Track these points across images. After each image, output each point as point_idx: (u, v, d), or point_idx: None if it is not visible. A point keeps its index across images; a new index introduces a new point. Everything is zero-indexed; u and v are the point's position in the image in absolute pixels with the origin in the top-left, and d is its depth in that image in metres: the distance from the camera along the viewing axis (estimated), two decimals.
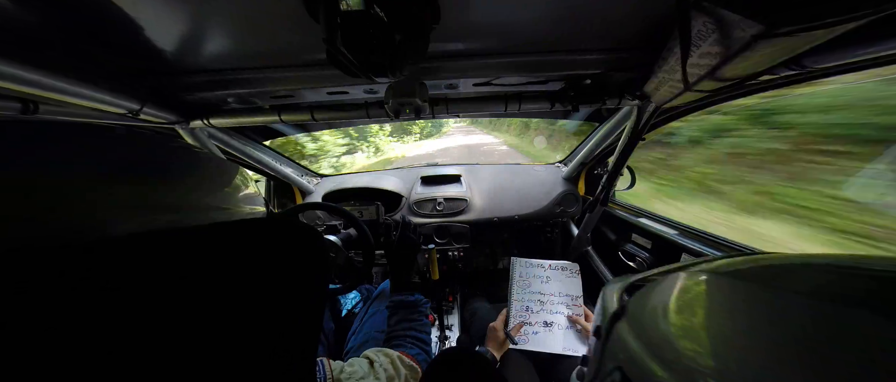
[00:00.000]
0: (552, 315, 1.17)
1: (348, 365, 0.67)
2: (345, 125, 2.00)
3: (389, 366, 0.71)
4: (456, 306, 1.78)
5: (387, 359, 0.72)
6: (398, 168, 2.16)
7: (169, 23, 0.58)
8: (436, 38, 0.62)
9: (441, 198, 1.79)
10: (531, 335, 1.12)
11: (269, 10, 0.56)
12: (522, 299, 1.22)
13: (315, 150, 9.66)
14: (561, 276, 1.28)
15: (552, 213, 1.81)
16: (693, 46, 0.54)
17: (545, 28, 0.66)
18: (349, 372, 0.65)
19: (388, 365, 0.71)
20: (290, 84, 0.85)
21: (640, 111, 1.03)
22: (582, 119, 1.57)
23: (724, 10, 0.44)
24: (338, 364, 0.67)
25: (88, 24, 0.57)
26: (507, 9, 0.59)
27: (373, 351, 0.75)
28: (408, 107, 0.86)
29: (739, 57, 0.49)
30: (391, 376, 0.69)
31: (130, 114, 0.84)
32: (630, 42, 0.73)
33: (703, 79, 0.59)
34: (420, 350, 0.85)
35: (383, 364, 0.70)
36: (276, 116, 1.03)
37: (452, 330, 1.63)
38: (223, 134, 1.31)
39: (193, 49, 0.68)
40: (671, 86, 0.73)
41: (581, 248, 1.77)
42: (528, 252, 1.90)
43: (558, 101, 0.96)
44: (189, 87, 0.86)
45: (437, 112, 1.03)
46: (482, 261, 2.15)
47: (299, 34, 0.64)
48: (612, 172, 1.36)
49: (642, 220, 1.47)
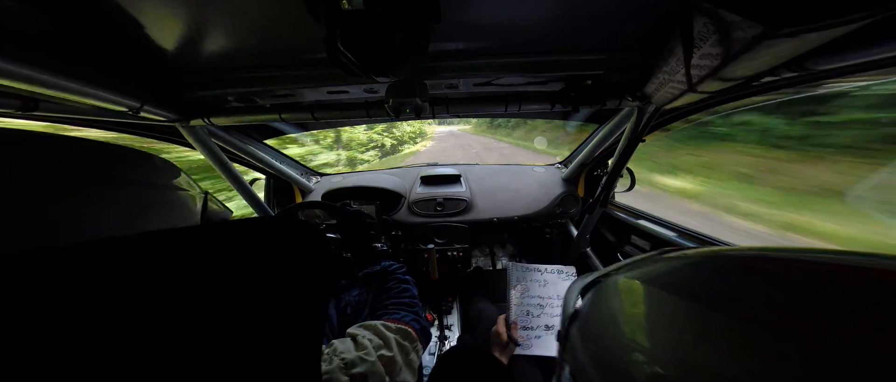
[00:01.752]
0: (553, 318, 1.16)
1: (329, 348, 0.65)
2: (344, 124, 2.00)
3: (373, 336, 0.69)
4: (455, 306, 1.78)
5: (369, 331, 0.70)
6: (398, 167, 2.16)
7: (170, 21, 0.58)
8: (436, 37, 0.62)
9: (441, 198, 1.79)
10: (534, 339, 1.12)
11: (269, 9, 0.56)
12: (522, 303, 1.22)
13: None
14: (558, 279, 1.29)
15: (552, 214, 1.81)
16: (694, 47, 0.54)
17: (546, 28, 0.66)
18: (329, 352, 0.62)
19: (371, 336, 0.68)
20: (291, 83, 0.85)
21: (640, 112, 1.03)
22: (582, 120, 1.57)
23: (725, 11, 0.44)
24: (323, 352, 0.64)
25: (89, 21, 0.57)
26: (507, 9, 0.59)
27: (355, 327, 0.73)
28: (408, 106, 0.85)
29: (740, 58, 0.48)
30: (379, 344, 0.67)
31: (130, 112, 0.84)
32: (631, 43, 0.73)
33: (703, 81, 0.59)
34: (405, 312, 0.82)
35: (366, 335, 0.68)
36: (277, 115, 1.03)
37: (452, 330, 1.63)
38: (223, 132, 1.31)
39: (194, 47, 0.68)
40: (672, 88, 0.73)
41: (580, 249, 1.77)
42: (528, 252, 1.90)
43: (558, 102, 0.96)
44: (189, 86, 0.85)
45: (437, 112, 1.03)
46: (482, 261, 2.15)
47: (300, 33, 0.64)
48: (611, 174, 1.36)
49: (641, 222, 1.47)
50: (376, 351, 0.65)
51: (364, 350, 0.64)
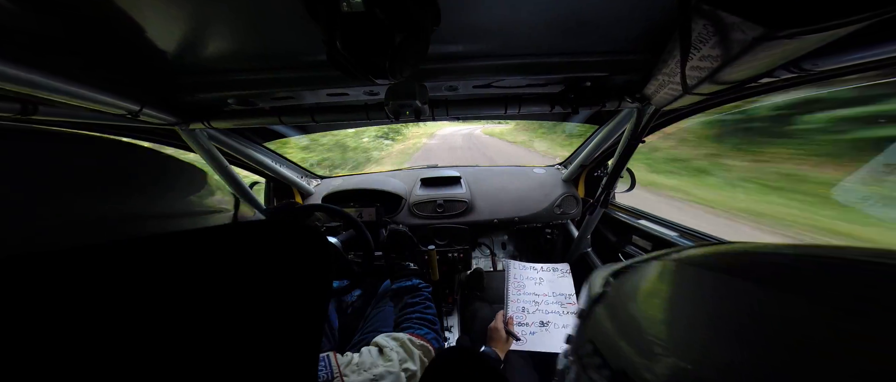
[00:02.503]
0: (547, 315, 1.19)
1: (357, 356, 0.68)
2: (344, 127, 2.00)
3: (400, 349, 0.72)
4: (456, 307, 1.78)
5: (397, 343, 0.74)
6: (398, 169, 2.16)
7: (169, 24, 0.58)
8: (436, 39, 0.62)
9: (441, 200, 1.79)
10: (529, 335, 1.14)
11: (269, 12, 0.56)
12: (518, 300, 1.25)
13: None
14: (553, 277, 1.32)
15: (552, 215, 1.81)
16: (694, 49, 0.54)
17: (545, 31, 0.66)
18: (358, 362, 0.66)
19: (398, 349, 0.72)
20: (291, 85, 0.85)
21: (639, 113, 1.04)
22: (582, 121, 1.57)
23: (725, 13, 0.44)
24: (346, 358, 0.67)
25: (88, 25, 0.57)
26: (507, 11, 0.59)
27: (383, 337, 0.76)
28: (407, 108, 0.85)
29: (740, 60, 0.49)
30: (404, 358, 0.71)
31: (130, 115, 0.84)
32: (630, 45, 0.73)
33: (703, 83, 0.59)
34: (428, 330, 0.87)
35: (394, 347, 0.72)
36: (277, 118, 1.03)
37: (452, 331, 1.63)
38: (223, 135, 1.31)
39: (193, 50, 0.68)
40: (671, 89, 0.73)
41: (581, 250, 1.77)
42: (529, 253, 1.90)
43: (558, 104, 0.96)
44: (189, 88, 0.85)
45: (436, 114, 1.03)
46: (482, 263, 2.15)
47: (299, 36, 0.64)
48: (611, 174, 1.37)
49: (642, 222, 1.47)
50: (401, 364, 0.69)
51: (390, 362, 0.67)
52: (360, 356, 0.68)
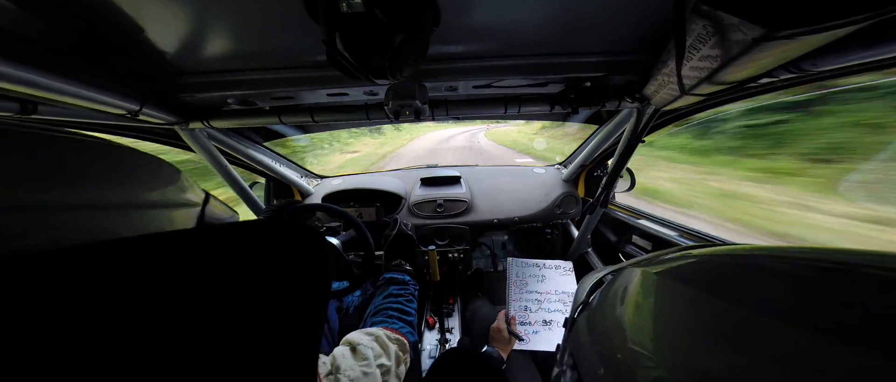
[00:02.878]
0: (550, 313, 1.18)
1: (330, 361, 0.64)
2: (344, 126, 2.00)
3: (374, 344, 0.70)
4: (456, 308, 1.78)
5: (370, 338, 0.71)
6: (397, 169, 2.16)
7: (169, 23, 0.58)
8: (436, 40, 0.62)
9: (441, 200, 1.79)
10: (531, 334, 1.13)
11: (269, 12, 0.56)
12: (520, 299, 1.23)
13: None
14: (555, 275, 1.30)
15: (552, 215, 1.81)
16: (693, 50, 0.54)
17: (545, 31, 0.66)
18: (331, 367, 0.62)
19: (372, 344, 0.69)
20: (290, 85, 0.85)
21: (639, 113, 1.04)
22: (581, 121, 1.57)
23: (724, 14, 0.44)
24: (323, 368, 0.63)
25: (88, 24, 0.57)
26: (506, 12, 0.59)
27: (356, 334, 0.73)
28: (407, 109, 0.85)
29: (739, 60, 0.49)
30: (379, 353, 0.68)
31: (129, 114, 0.84)
32: (630, 45, 0.73)
33: (702, 83, 0.59)
34: (403, 323, 0.85)
35: (367, 343, 0.69)
36: (276, 118, 1.03)
37: (453, 333, 1.63)
38: (222, 134, 1.31)
39: (193, 50, 0.68)
40: (671, 89, 0.73)
41: (581, 250, 1.77)
42: (529, 253, 1.90)
43: (558, 104, 0.96)
44: (188, 88, 0.85)
45: (436, 114, 1.03)
46: (482, 263, 2.15)
47: (299, 36, 0.64)
48: (611, 174, 1.37)
49: (642, 222, 1.47)
50: (376, 360, 0.66)
51: (365, 361, 0.65)
52: (332, 359, 0.64)
